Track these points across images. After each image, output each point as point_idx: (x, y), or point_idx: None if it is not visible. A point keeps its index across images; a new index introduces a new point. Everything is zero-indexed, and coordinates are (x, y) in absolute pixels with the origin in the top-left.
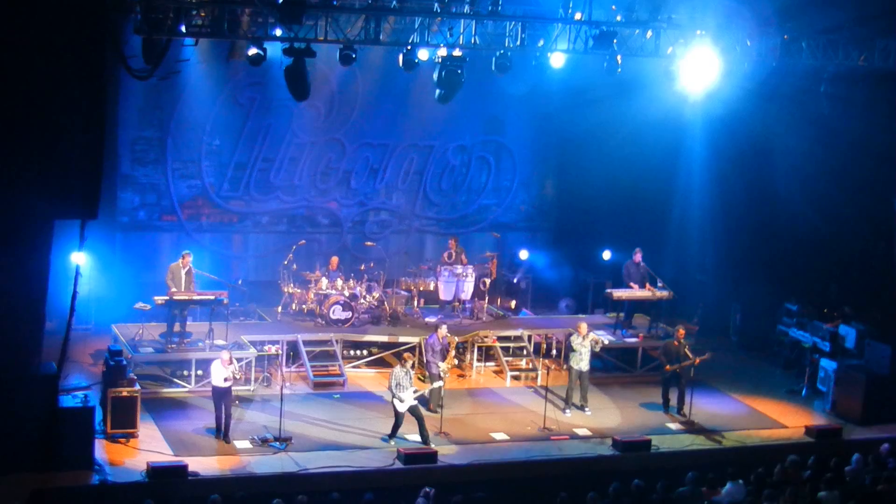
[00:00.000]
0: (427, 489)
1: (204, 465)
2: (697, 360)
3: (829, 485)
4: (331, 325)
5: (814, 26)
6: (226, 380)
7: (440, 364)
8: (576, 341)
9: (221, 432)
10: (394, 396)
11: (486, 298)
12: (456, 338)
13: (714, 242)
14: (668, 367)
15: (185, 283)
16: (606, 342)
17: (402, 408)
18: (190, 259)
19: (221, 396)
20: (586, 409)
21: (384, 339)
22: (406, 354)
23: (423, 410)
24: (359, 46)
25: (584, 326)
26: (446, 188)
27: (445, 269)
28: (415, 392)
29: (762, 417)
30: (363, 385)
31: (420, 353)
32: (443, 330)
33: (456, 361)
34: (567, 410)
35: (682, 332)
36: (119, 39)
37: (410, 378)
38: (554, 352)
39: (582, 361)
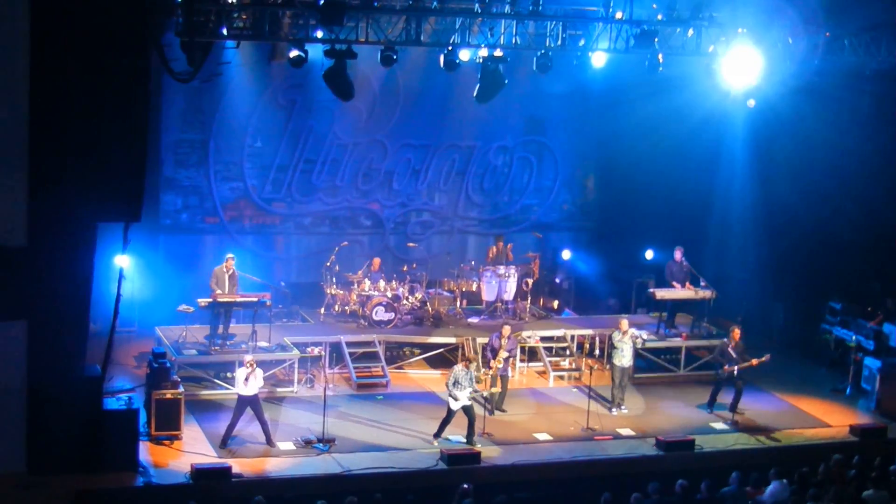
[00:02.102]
0: (465, 486)
1: (248, 466)
2: (755, 362)
3: (874, 484)
4: (373, 327)
5: (857, 24)
6: (246, 379)
7: (492, 363)
8: (617, 338)
9: (227, 441)
10: (450, 394)
11: (529, 299)
12: (510, 339)
13: (756, 241)
14: (726, 367)
15: (228, 286)
16: (645, 337)
17: (455, 406)
18: (233, 262)
19: (245, 405)
20: (623, 406)
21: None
22: (471, 355)
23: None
24: (400, 47)
25: (624, 323)
26: (488, 188)
27: (488, 270)
28: (471, 392)
29: (806, 416)
30: (407, 386)
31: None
32: (506, 329)
33: (501, 364)
34: (614, 410)
35: (737, 333)
36: (161, 42)
37: (470, 378)
38: (597, 351)
39: (624, 358)
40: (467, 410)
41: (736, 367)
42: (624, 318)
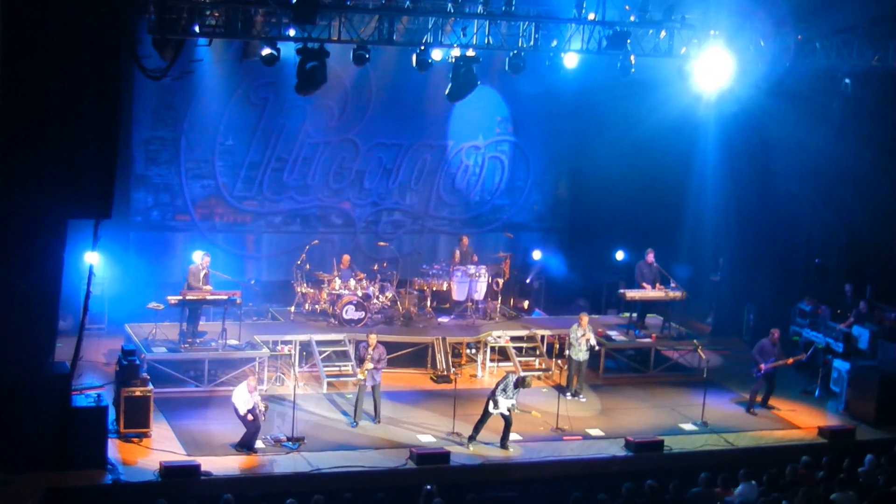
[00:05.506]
0: (428, 487)
1: (216, 464)
2: (791, 361)
3: (842, 486)
4: (344, 325)
5: (828, 26)
6: (249, 411)
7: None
8: (578, 334)
9: (246, 448)
10: (491, 398)
11: (499, 299)
12: (377, 348)
13: (727, 242)
14: (762, 366)
15: (201, 283)
16: (594, 342)
17: (493, 410)
18: (208, 260)
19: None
20: (581, 396)
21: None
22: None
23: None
24: (372, 46)
25: (584, 319)
26: (460, 188)
27: (458, 270)
28: (511, 406)
29: (775, 418)
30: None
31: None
32: (372, 339)
33: (364, 375)
34: (568, 395)
35: (777, 333)
36: (133, 39)
37: (517, 392)
38: (567, 352)
39: (581, 353)
40: (505, 417)
41: (773, 365)
42: (584, 315)
